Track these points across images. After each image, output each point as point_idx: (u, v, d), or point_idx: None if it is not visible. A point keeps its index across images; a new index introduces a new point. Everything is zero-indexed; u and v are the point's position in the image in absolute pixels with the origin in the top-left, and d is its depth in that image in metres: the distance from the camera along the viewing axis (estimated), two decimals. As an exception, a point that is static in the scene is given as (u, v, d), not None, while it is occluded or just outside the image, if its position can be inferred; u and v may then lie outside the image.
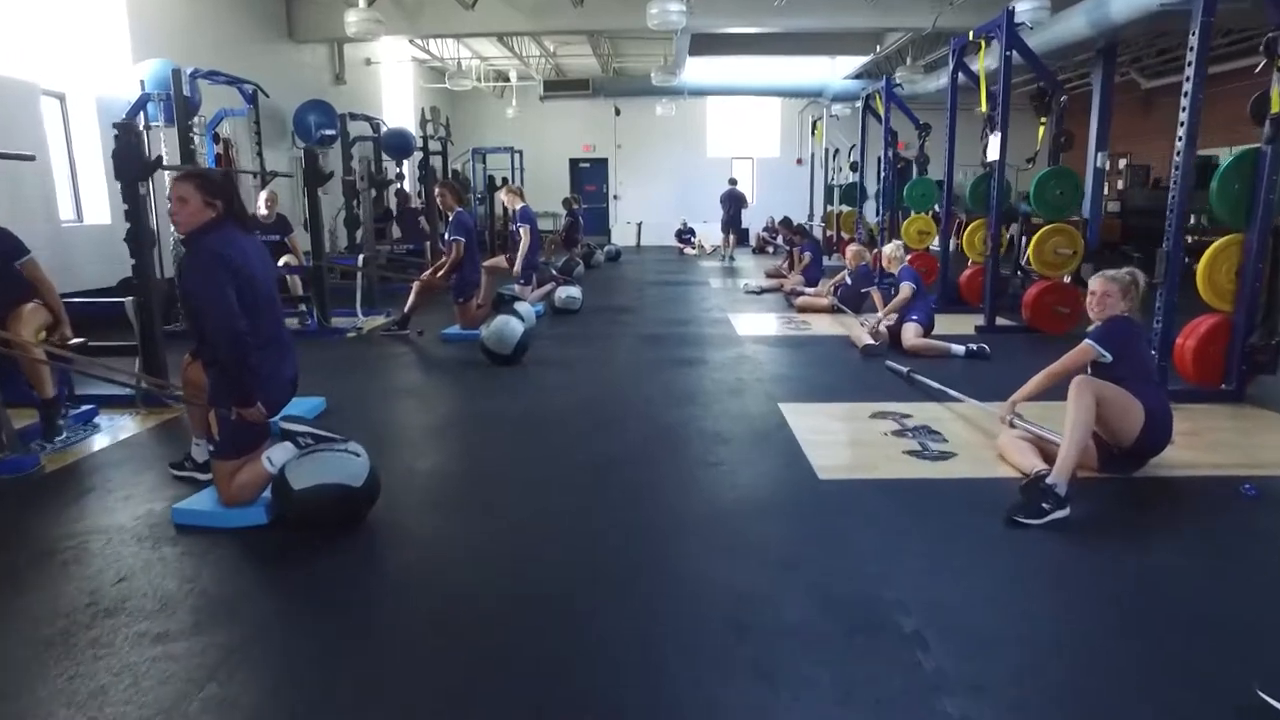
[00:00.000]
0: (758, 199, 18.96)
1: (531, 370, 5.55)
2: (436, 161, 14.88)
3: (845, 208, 13.56)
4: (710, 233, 17.90)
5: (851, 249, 7.84)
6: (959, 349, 5.79)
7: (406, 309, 6.93)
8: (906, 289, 6.04)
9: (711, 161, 19.60)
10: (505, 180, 15.59)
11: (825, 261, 10.68)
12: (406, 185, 13.72)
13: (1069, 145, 6.77)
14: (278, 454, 2.81)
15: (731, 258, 14.51)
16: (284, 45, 11.42)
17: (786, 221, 11.27)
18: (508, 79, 17.64)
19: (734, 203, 14.49)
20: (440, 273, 6.67)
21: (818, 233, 13.68)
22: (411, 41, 13.55)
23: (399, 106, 16.10)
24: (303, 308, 6.99)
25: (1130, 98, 15.25)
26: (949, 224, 7.98)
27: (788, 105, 19.25)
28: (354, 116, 10.58)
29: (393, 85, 15.69)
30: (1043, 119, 6.74)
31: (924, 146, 9.90)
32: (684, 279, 11.56)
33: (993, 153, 6.51)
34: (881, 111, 10.29)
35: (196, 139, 8.01)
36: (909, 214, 9.86)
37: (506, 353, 5.53)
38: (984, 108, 7.16)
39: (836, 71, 16.28)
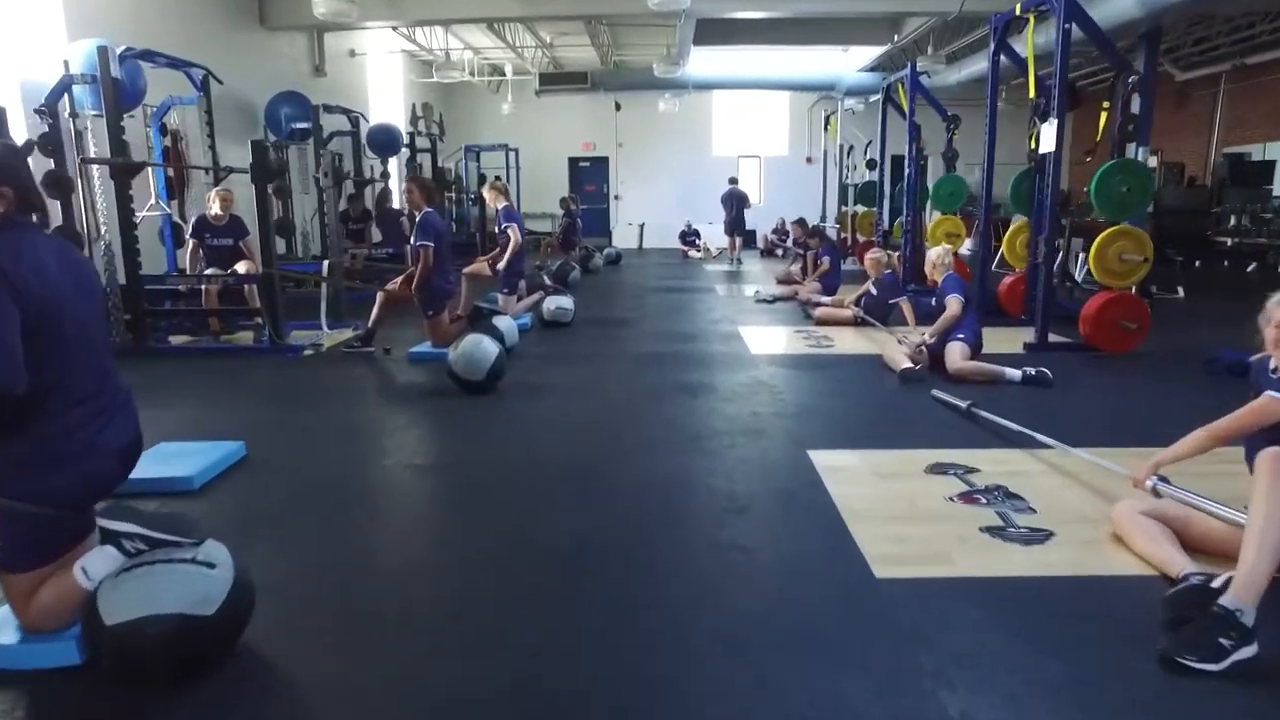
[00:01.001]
0: (765, 199, 18.08)
1: (507, 401, 4.67)
2: (426, 160, 14.06)
3: (861, 208, 12.67)
4: (715, 234, 17.02)
5: (872, 255, 6.93)
6: (1014, 373, 4.89)
7: (370, 323, 6.06)
8: (954, 304, 5.13)
9: (717, 160, 18.70)
10: (498, 179, 14.72)
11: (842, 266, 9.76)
12: (394, 184, 12.86)
13: (1133, 135, 5.86)
14: (95, 563, 1.92)
15: (739, 261, 13.62)
16: (256, 33, 10.56)
17: (801, 223, 10.37)
18: (503, 73, 16.78)
19: (736, 203, 13.55)
20: (408, 282, 5.81)
21: (832, 235, 12.74)
22: (396, 30, 12.68)
23: (388, 102, 15.24)
24: (258, 320, 6.14)
25: (1163, 91, 14.28)
26: (987, 226, 7.06)
27: (796, 101, 18.36)
28: (329, 109, 9.70)
29: (380, 79, 14.82)
30: (1105, 104, 5.82)
31: (952, 140, 9.00)
32: (688, 285, 10.66)
33: (1046, 143, 5.59)
34: (905, 102, 9.40)
35: (144, 130, 7.18)
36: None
37: (477, 379, 4.65)
38: (1032, 93, 6.26)
39: (850, 64, 15.37)
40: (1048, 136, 5.58)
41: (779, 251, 15.71)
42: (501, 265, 6.96)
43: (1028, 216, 6.97)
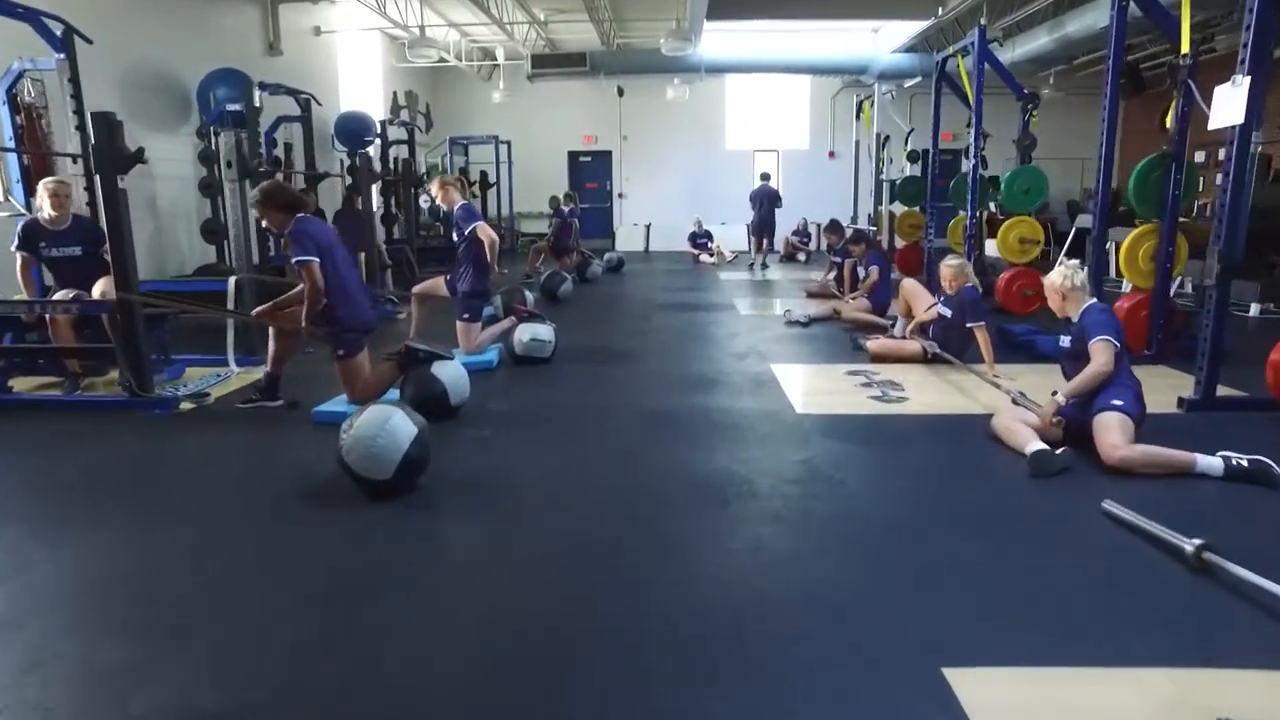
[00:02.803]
0: (784, 198, 16.33)
1: (429, 510, 3.00)
2: (403, 152, 12.45)
3: (902, 207, 10.95)
4: (729, 236, 15.33)
5: (951, 265, 5.21)
6: (1211, 463, 3.17)
7: (269, 364, 4.42)
8: (1105, 352, 3.40)
9: (730, 154, 17.03)
10: (483, 175, 13.10)
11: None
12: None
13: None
14: None
15: (764, 266, 12.03)
16: (193, 2, 8.93)
17: (835, 228, 8.65)
18: (494, 58, 15.12)
19: (767, 201, 11.97)
20: (278, 310, 4.19)
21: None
22: (362, 2, 11.04)
23: (366, 88, 13.61)
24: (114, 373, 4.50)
25: (1243, 72, 12.47)
26: (1103, 229, 5.31)
27: (818, 90, 16.63)
28: (266, 87, 8.05)
29: (353, 62, 13.18)
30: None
31: (1029, 123, 7.28)
32: (702, 299, 8.96)
33: (1228, 115, 3.85)
34: (967, 78, 7.70)
35: None
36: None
37: (382, 478, 2.99)
38: (1185, 48, 4.55)
39: (880, 45, 13.64)
40: (1228, 104, 3.82)
41: (801, 256, 14.02)
42: (462, 285, 5.30)
43: (1155, 217, 5.26)
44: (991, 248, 9.25)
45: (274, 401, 4.40)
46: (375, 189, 10.22)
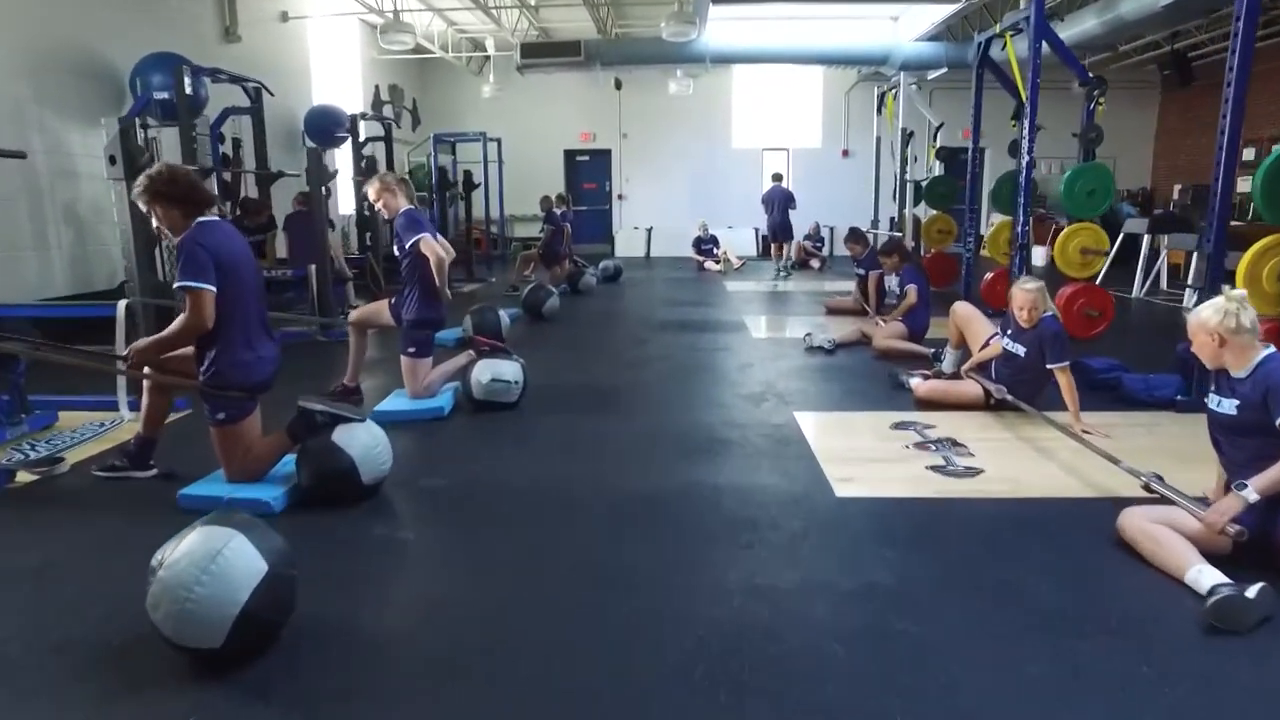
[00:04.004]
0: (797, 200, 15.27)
1: (278, 694, 1.90)
2: (380, 150, 11.42)
3: (931, 210, 9.84)
4: (736, 241, 14.25)
5: (1028, 291, 4.06)
6: None
7: (141, 425, 3.35)
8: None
9: (737, 153, 15.94)
10: (467, 174, 12.01)
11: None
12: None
13: None
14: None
15: (786, 273, 11.15)
16: (135, -21, 7.88)
17: (858, 235, 7.54)
18: (483, 49, 14.05)
19: (780, 204, 11.03)
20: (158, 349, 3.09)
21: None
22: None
23: (344, 81, 12.57)
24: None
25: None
26: (1220, 245, 4.18)
27: (831, 84, 15.54)
28: (204, 73, 6.97)
29: (328, 52, 12.13)
30: None
31: (1095, 112, 6.16)
32: (709, 317, 7.85)
33: None
34: (1015, 63, 6.60)
35: None
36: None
37: (206, 646, 1.90)
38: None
39: (900, 34, 12.52)
40: None
41: (814, 263, 12.91)
42: (407, 312, 4.23)
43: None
44: (1037, 255, 8.19)
45: (144, 471, 3.33)
46: (340, 191, 9.16)
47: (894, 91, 10.89)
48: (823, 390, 4.86)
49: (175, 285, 2.87)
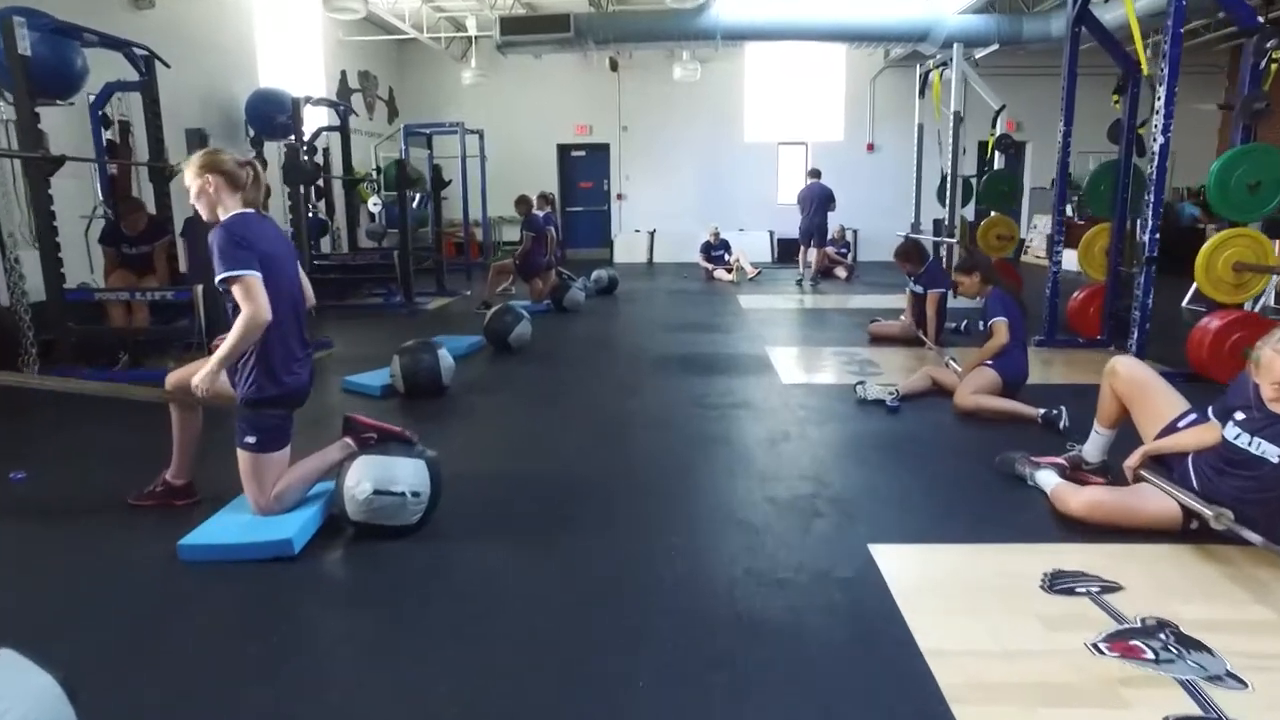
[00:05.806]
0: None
1: None
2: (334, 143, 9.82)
3: (991, 212, 8.15)
4: (751, 246, 12.58)
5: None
6: None
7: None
8: None
9: (750, 148, 14.27)
10: (437, 170, 10.37)
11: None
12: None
13: None
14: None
15: (814, 282, 9.88)
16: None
17: (915, 249, 5.88)
18: (464, 29, 12.41)
19: (817, 203, 9.65)
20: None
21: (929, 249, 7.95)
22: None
23: (305, 66, 10.95)
24: None
25: None
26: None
27: (855, 71, 13.88)
28: (61, 30, 5.32)
29: (283, 31, 10.50)
30: None
31: (1263, 78, 4.46)
32: (720, 348, 6.15)
33: None
34: (1134, 19, 4.92)
35: None
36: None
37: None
38: None
39: (939, 6, 10.81)
40: None
41: (840, 272, 11.23)
42: (243, 385, 2.59)
43: None
44: (1070, 260, 6.59)
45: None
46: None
47: (941, 70, 9.19)
48: (901, 491, 3.17)
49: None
